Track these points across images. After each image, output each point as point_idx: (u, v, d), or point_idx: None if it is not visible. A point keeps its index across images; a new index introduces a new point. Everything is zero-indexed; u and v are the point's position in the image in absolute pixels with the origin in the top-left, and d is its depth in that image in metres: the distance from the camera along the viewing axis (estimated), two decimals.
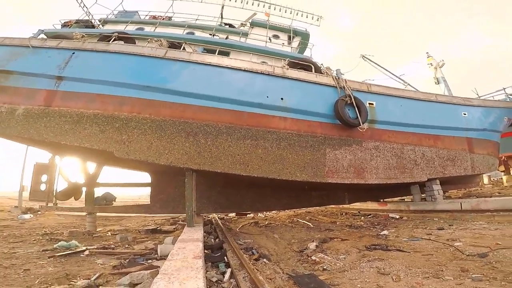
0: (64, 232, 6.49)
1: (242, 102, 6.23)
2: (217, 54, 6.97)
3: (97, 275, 3.35)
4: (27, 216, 8.93)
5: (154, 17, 8.76)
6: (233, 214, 10.36)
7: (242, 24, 9.66)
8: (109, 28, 8.15)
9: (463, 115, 8.28)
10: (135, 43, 6.97)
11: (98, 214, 9.09)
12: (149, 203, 7.22)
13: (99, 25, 8.42)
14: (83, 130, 5.63)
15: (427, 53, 11.60)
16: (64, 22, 7.95)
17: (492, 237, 4.37)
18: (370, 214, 8.57)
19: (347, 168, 6.68)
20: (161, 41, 6.79)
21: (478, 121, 8.45)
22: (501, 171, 14.44)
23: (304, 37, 9.24)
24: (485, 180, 15.17)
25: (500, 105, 9.28)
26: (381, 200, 9.26)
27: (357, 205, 9.88)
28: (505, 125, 9.36)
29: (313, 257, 4.23)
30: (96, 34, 7.28)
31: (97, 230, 7.13)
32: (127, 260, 4.16)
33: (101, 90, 5.95)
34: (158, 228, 7.49)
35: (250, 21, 9.32)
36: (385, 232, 5.67)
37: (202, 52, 7.26)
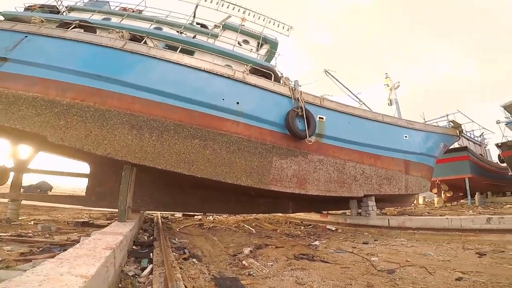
0: None
1: (195, 102, 6.21)
2: (182, 52, 6.92)
3: None
4: None
5: (124, 9, 8.48)
6: (180, 215, 10.16)
7: (216, 25, 9.67)
8: (75, 15, 7.76)
9: (405, 137, 9.09)
10: (95, 32, 6.68)
11: (27, 202, 8.39)
12: (84, 195, 6.83)
13: (64, 11, 7.91)
14: (17, 112, 5.23)
15: (386, 73, 12.50)
16: (28, 6, 7.52)
17: (405, 254, 4.80)
18: (310, 225, 8.99)
19: (290, 178, 6.96)
20: (122, 32, 6.55)
21: (417, 145, 9.32)
22: (434, 193, 16.04)
23: (273, 45, 9.52)
24: (420, 200, 16.81)
25: (438, 130, 10.28)
26: (323, 212, 9.75)
27: (302, 215, 10.31)
28: (441, 151, 10.44)
29: (244, 262, 4.34)
30: (56, 20, 6.91)
31: (20, 218, 6.55)
32: (41, 249, 3.93)
33: (46, 74, 5.64)
34: (90, 222, 7.10)
35: (223, 23, 9.38)
36: (317, 242, 5.98)
37: (164, 48, 7.13)
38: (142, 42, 6.61)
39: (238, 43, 8.40)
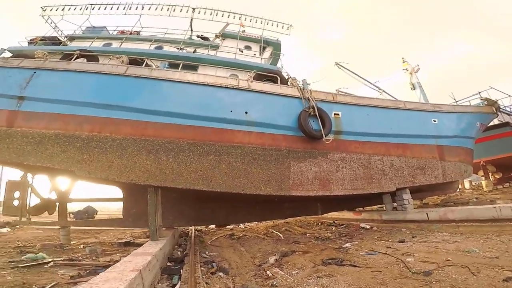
0: (37, 245, 6.55)
1: (204, 118, 6.32)
2: (184, 68, 7.09)
3: (52, 284, 3.43)
4: (4, 230, 8.97)
5: (122, 32, 8.78)
6: (213, 226, 10.39)
7: (216, 36, 9.75)
8: (76, 44, 8.22)
9: (433, 122, 8.33)
10: (98, 60, 7.09)
11: (79, 227, 9.22)
12: (122, 217, 7.29)
13: (63, 41, 8.39)
14: (45, 151, 5.72)
15: (402, 58, 11.66)
16: (31, 39, 8.01)
17: (445, 252, 4.34)
18: (343, 224, 8.59)
19: (312, 181, 6.73)
20: (122, 57, 6.87)
21: (448, 128, 8.49)
22: (481, 176, 14.44)
23: (276, 47, 9.32)
24: (467, 185, 15.19)
25: (471, 110, 9.31)
26: (356, 210, 9.28)
27: (335, 214, 9.91)
28: (477, 130, 9.38)
29: (268, 272, 4.26)
30: (58, 52, 7.34)
31: (71, 243, 7.19)
32: (88, 271, 4.25)
33: (62, 109, 6.05)
34: (131, 241, 7.53)
35: (222, 32, 9.41)
36: (348, 244, 5.68)
37: (167, 67, 7.36)
38: (144, 65, 6.87)
39: (240, 50, 8.36)
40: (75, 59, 6.86)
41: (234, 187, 6.12)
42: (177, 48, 8.09)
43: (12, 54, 7.21)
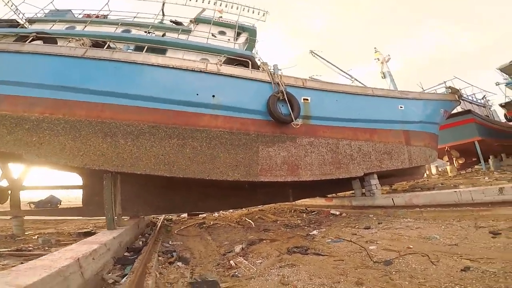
0: None
1: (168, 101, 6.00)
2: (152, 52, 6.71)
3: None
4: None
5: (88, 16, 8.28)
6: (185, 215, 10.10)
7: (191, 21, 9.38)
8: (36, 27, 7.62)
9: (400, 108, 8.56)
10: (56, 42, 6.55)
11: (38, 217, 8.56)
12: (82, 206, 6.83)
13: (23, 24, 7.80)
14: None
15: (374, 48, 11.93)
16: None
17: (408, 239, 4.36)
18: (314, 211, 8.66)
19: (280, 166, 6.65)
20: (83, 40, 6.40)
21: (414, 114, 8.78)
22: (446, 161, 15.29)
23: (251, 33, 9.13)
24: (434, 170, 16.05)
25: (436, 97, 9.71)
26: (328, 196, 9.39)
27: (307, 201, 9.98)
28: (442, 117, 9.82)
29: (232, 262, 4.12)
30: (12, 34, 6.79)
31: (26, 233, 6.65)
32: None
33: (11, 91, 5.53)
34: (92, 231, 7.08)
35: (196, 17, 9.06)
36: (315, 232, 5.65)
37: (132, 51, 6.94)
38: (105, 47, 6.43)
39: (212, 35, 8.07)
40: (30, 41, 6.30)
41: (198, 172, 5.89)
42: (145, 32, 7.66)
43: None
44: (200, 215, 9.75)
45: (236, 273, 3.59)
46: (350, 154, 7.50)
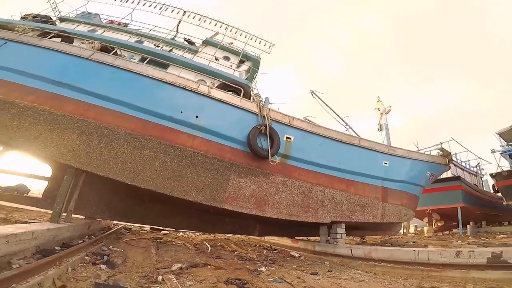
0: None
1: (150, 112, 6.20)
2: (156, 66, 7.09)
3: None
4: None
5: (111, 22, 8.87)
6: (148, 228, 9.92)
7: (203, 42, 9.86)
8: (65, 26, 8.29)
9: (384, 164, 8.56)
10: (72, 42, 7.04)
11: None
12: (40, 197, 6.81)
13: (53, 21, 8.42)
14: None
15: (378, 97, 12.13)
16: (24, 15, 8.11)
17: None
18: (277, 250, 8.43)
19: (248, 198, 6.64)
20: (94, 43, 6.81)
21: (397, 173, 8.75)
22: (426, 222, 15.12)
23: (255, 62, 9.49)
24: (412, 229, 15.79)
25: (425, 158, 9.66)
26: (295, 238, 9.20)
27: (275, 239, 9.78)
28: (427, 179, 9.74)
29: (160, 277, 4.11)
30: (39, 30, 7.33)
31: None
32: None
33: (14, 78, 5.91)
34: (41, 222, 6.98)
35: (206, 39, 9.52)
36: (264, 269, 5.52)
37: (137, 61, 7.31)
38: (112, 53, 6.79)
39: (216, 58, 8.43)
40: (51, 38, 6.77)
41: (161, 187, 5.91)
42: (155, 45, 8.09)
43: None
44: (162, 231, 9.57)
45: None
46: (321, 200, 7.45)
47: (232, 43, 9.84)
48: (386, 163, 8.55)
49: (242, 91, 7.46)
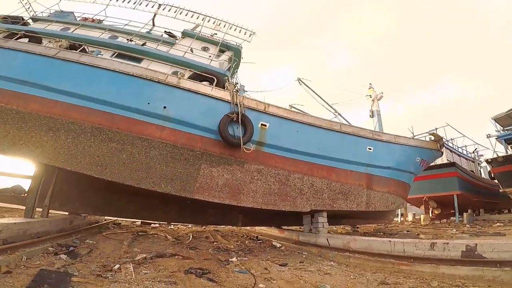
0: None
1: (116, 105, 6.19)
2: (128, 60, 7.09)
3: None
4: None
5: (85, 19, 8.84)
6: (139, 222, 10.06)
7: (182, 34, 9.72)
8: (38, 25, 8.32)
9: (368, 149, 8.23)
10: (41, 42, 7.08)
11: None
12: (25, 195, 6.99)
13: (26, 21, 8.45)
14: None
15: (369, 83, 11.72)
16: None
17: (302, 283, 4.12)
18: (261, 240, 8.34)
19: (221, 187, 6.54)
20: (61, 41, 6.85)
21: (383, 158, 8.40)
22: (422, 210, 14.60)
23: (236, 52, 9.28)
24: (410, 217, 15.27)
25: (413, 143, 9.20)
26: (282, 227, 9.06)
27: (264, 229, 9.69)
28: (417, 165, 9.30)
29: (117, 266, 4.20)
30: (4, 30, 7.41)
31: None
32: None
33: None
34: None
35: (183, 31, 9.39)
36: (235, 259, 5.45)
37: (112, 56, 7.32)
38: (80, 50, 6.81)
39: (191, 49, 8.30)
40: (17, 38, 6.84)
41: (129, 178, 5.91)
42: (128, 40, 8.04)
43: None
44: (152, 225, 9.67)
45: (109, 275, 3.72)
46: (300, 188, 7.25)
47: (216, 33, 9.63)
48: (370, 149, 8.21)
49: (216, 80, 7.33)
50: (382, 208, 8.20)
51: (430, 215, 14.09)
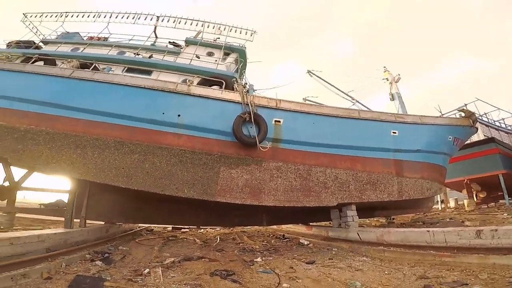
0: None
1: (134, 118, 6.46)
2: (139, 73, 7.39)
3: None
4: None
5: (91, 38, 9.32)
6: (170, 228, 10.41)
7: (185, 42, 9.85)
8: (48, 48, 8.90)
9: (392, 133, 7.72)
10: (55, 63, 7.58)
11: (38, 216, 9.64)
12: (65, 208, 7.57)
13: (37, 45, 9.07)
14: None
15: (384, 67, 11.08)
16: (8, 42, 8.79)
17: (330, 281, 3.89)
18: (288, 238, 8.17)
19: (241, 188, 6.53)
20: (73, 61, 7.29)
21: (410, 141, 7.81)
22: (466, 194, 13.17)
23: (241, 53, 9.28)
24: (452, 203, 13.90)
25: (442, 122, 8.43)
26: (310, 224, 8.81)
27: (291, 227, 9.52)
28: (450, 145, 8.50)
29: (146, 270, 4.37)
30: (21, 55, 8.02)
31: (13, 228, 7.56)
32: None
33: (9, 105, 6.58)
34: None
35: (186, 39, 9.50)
36: (259, 259, 5.39)
37: (123, 72, 7.68)
38: (91, 68, 7.20)
39: (197, 56, 8.44)
40: (33, 62, 7.42)
41: (154, 186, 6.13)
42: (135, 54, 8.38)
43: None
44: (182, 230, 9.96)
45: (139, 280, 3.86)
46: (323, 182, 6.99)
47: (219, 38, 9.73)
48: (395, 133, 7.69)
49: (224, 83, 7.36)
50: (417, 196, 7.62)
51: (475, 199, 12.76)
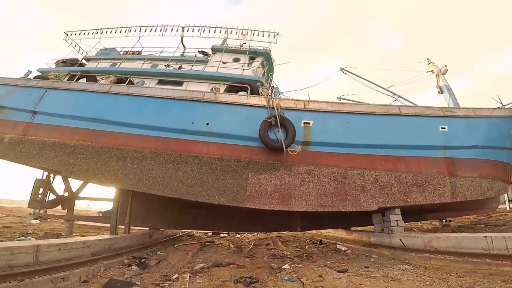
0: (41, 233, 7.99)
1: (166, 129, 6.78)
2: (171, 84, 7.77)
3: None
4: (33, 221, 10.64)
5: (126, 52, 9.99)
6: (210, 233, 10.69)
7: (211, 50, 10.00)
8: (91, 65, 9.79)
9: (441, 129, 6.81)
10: (96, 79, 8.30)
11: (98, 224, 10.67)
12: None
13: (80, 62, 9.99)
14: (44, 155, 7.03)
15: (427, 59, 9.91)
16: (56, 61, 9.86)
17: None
18: (324, 244, 7.73)
19: (271, 194, 6.36)
20: (110, 77, 7.88)
21: (463, 136, 6.80)
22: None
23: (266, 56, 9.14)
24: None
25: (502, 113, 7.20)
26: (350, 229, 8.23)
27: (330, 232, 9.02)
28: None
29: (175, 276, 4.55)
30: (66, 73, 8.89)
31: (73, 235, 8.49)
32: None
33: (60, 122, 7.32)
34: None
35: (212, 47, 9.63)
36: (287, 266, 5.24)
37: (156, 84, 8.14)
38: (127, 82, 7.72)
39: (223, 62, 8.53)
40: (77, 79, 8.24)
41: (187, 194, 6.31)
42: (165, 66, 8.80)
43: (40, 74, 9.00)
44: (221, 235, 10.15)
45: (166, 285, 4.04)
46: (361, 185, 6.45)
47: (245, 43, 9.69)
48: (444, 128, 6.77)
49: (249, 88, 7.30)
50: (475, 197, 6.59)
51: None
